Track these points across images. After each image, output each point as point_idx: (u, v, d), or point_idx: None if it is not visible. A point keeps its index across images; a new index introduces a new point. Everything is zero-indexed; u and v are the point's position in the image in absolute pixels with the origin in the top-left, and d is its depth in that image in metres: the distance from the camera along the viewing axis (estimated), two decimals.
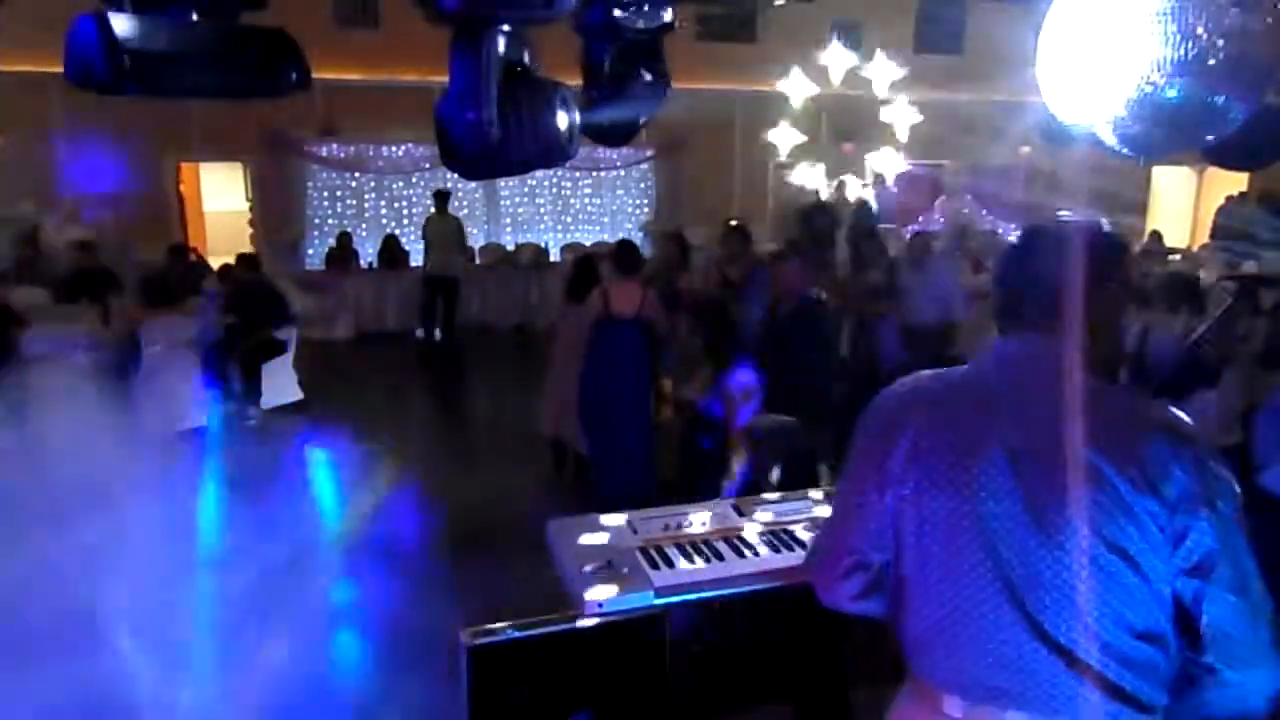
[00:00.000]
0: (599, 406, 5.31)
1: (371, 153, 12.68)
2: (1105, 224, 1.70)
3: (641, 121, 3.13)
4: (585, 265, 6.46)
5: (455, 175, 3.45)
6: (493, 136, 2.55)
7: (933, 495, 1.51)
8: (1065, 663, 1.41)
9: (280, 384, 7.62)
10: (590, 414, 5.34)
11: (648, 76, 3.09)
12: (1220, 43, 1.78)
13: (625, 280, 5.40)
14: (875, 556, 1.62)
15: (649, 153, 13.60)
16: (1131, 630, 1.39)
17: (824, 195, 11.64)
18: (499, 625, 2.19)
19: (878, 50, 10.23)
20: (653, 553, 2.50)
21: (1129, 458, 1.36)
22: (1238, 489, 1.41)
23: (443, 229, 10.45)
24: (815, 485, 3.17)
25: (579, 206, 13.90)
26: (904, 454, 1.54)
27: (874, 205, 12.73)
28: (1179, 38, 1.79)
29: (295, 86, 2.55)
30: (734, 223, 9.46)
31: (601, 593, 2.26)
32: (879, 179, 10.80)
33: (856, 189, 11.80)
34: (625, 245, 5.76)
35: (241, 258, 8.08)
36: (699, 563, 2.47)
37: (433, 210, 10.81)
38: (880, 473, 1.57)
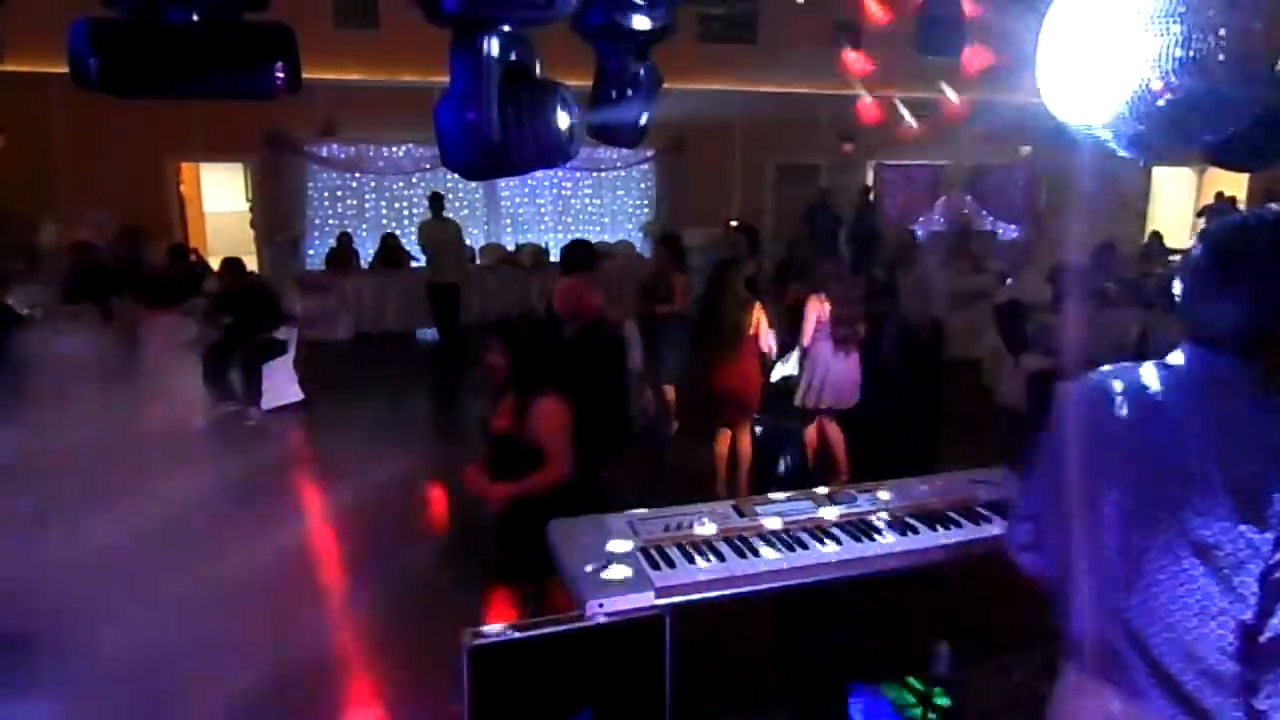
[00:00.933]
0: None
1: (371, 153, 12.67)
2: None
3: (644, 121, 3.13)
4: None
5: (455, 175, 3.45)
6: (493, 137, 2.55)
7: (1076, 474, 1.62)
8: (1143, 661, 1.46)
9: (280, 384, 7.62)
10: None
11: (646, 76, 3.09)
12: (1221, 42, 1.78)
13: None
14: (1038, 511, 1.77)
15: (649, 153, 13.59)
16: (1219, 646, 1.38)
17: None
18: (499, 625, 2.19)
19: None
20: (653, 553, 2.50)
21: (1247, 479, 1.34)
22: None
23: (440, 234, 10.09)
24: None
25: (579, 206, 13.90)
26: (1068, 429, 1.67)
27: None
28: (1179, 37, 1.79)
29: (285, 87, 2.54)
30: (734, 223, 9.46)
31: (602, 593, 2.26)
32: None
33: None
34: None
35: (226, 262, 8.00)
36: (700, 563, 2.47)
37: (429, 215, 10.33)
38: (1050, 443, 1.72)
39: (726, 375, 5.45)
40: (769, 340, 5.59)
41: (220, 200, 14.44)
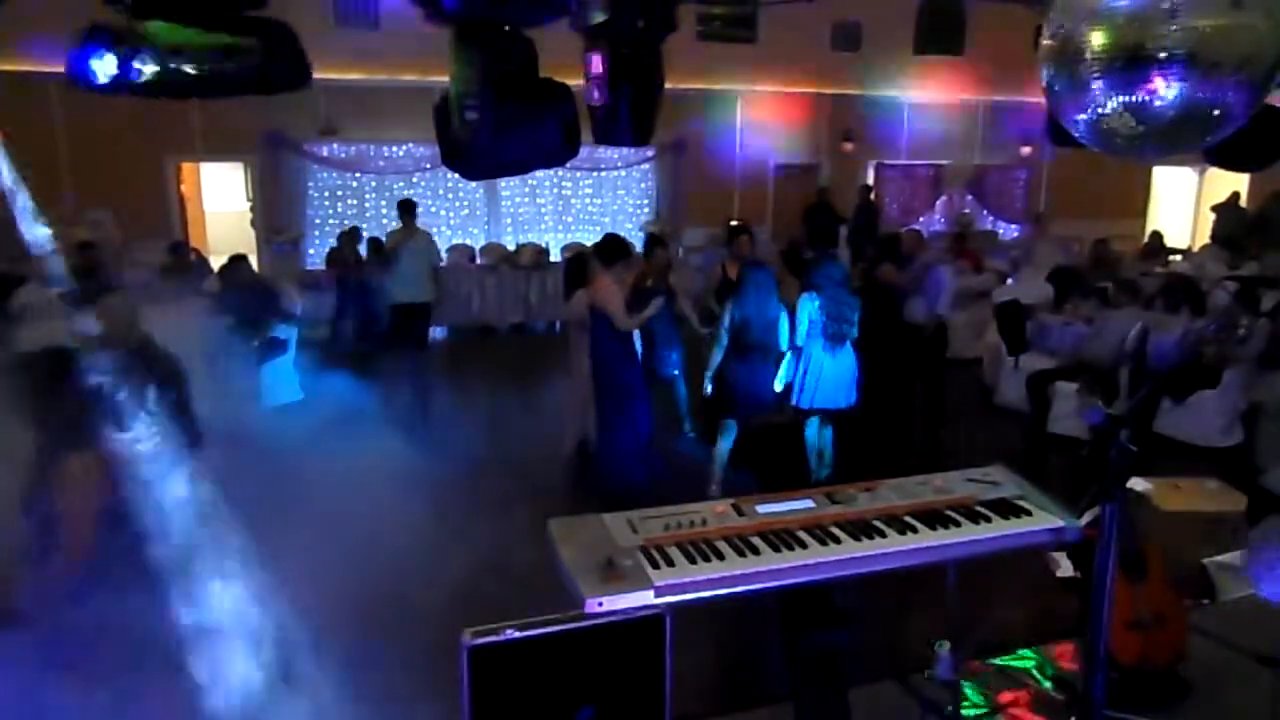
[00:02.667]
0: (596, 394, 5.73)
1: (371, 153, 12.68)
2: None
3: (645, 121, 3.12)
4: (577, 263, 6.67)
5: (455, 175, 3.45)
6: (493, 136, 2.55)
7: None
8: None
9: (280, 383, 7.62)
10: (596, 402, 5.77)
11: (646, 77, 3.09)
12: (1220, 43, 1.78)
13: (601, 272, 5.62)
14: None
15: (649, 153, 13.59)
16: None
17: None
18: (499, 625, 2.19)
19: None
20: (653, 552, 2.49)
21: None
22: None
23: (411, 246, 8.69)
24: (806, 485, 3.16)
25: (579, 206, 13.90)
26: None
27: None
28: (1178, 38, 1.79)
29: (295, 84, 2.55)
30: (735, 222, 9.46)
31: (601, 593, 2.26)
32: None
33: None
34: (604, 238, 5.92)
35: (233, 258, 8.06)
36: (700, 562, 2.46)
37: (398, 225, 8.94)
38: None
39: (751, 376, 5.49)
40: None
41: (220, 200, 14.45)
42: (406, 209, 8.88)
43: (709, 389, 5.69)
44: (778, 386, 5.75)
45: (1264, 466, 3.75)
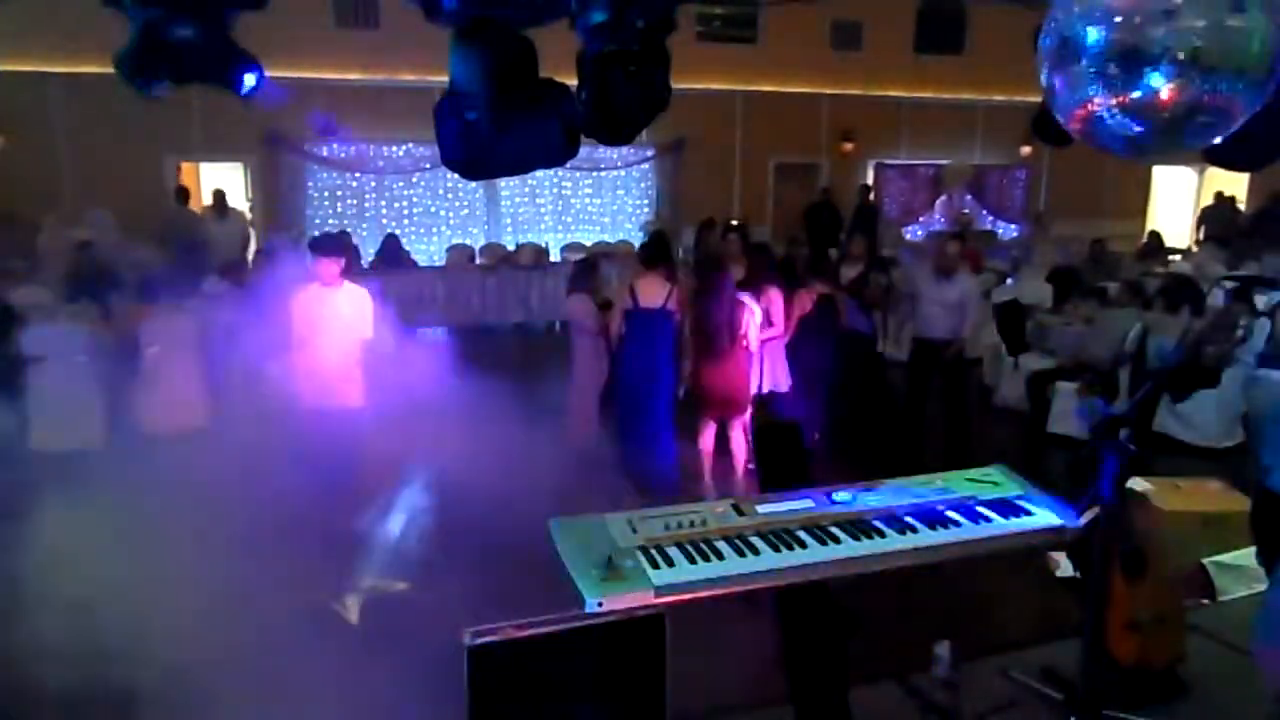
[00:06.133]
0: (629, 391, 5.69)
1: (371, 153, 12.68)
2: None
3: (635, 121, 3.11)
4: (584, 266, 6.67)
5: (455, 175, 3.45)
6: (493, 136, 2.55)
7: None
8: None
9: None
10: (622, 397, 5.77)
11: (648, 77, 3.08)
12: (1220, 43, 1.78)
13: (650, 273, 5.65)
14: None
15: (649, 153, 13.59)
16: None
17: None
18: (499, 625, 2.19)
19: None
20: (653, 552, 2.49)
21: None
22: None
23: (324, 310, 5.23)
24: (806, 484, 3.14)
25: (579, 206, 13.90)
26: None
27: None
28: (1179, 38, 1.79)
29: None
30: (735, 222, 9.46)
31: (601, 592, 2.26)
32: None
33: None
34: (653, 237, 5.94)
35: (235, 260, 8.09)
36: (699, 562, 2.46)
37: (314, 285, 5.18)
38: None
39: (718, 375, 5.48)
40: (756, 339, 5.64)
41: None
42: (322, 248, 5.17)
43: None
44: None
45: (1270, 466, 3.74)
